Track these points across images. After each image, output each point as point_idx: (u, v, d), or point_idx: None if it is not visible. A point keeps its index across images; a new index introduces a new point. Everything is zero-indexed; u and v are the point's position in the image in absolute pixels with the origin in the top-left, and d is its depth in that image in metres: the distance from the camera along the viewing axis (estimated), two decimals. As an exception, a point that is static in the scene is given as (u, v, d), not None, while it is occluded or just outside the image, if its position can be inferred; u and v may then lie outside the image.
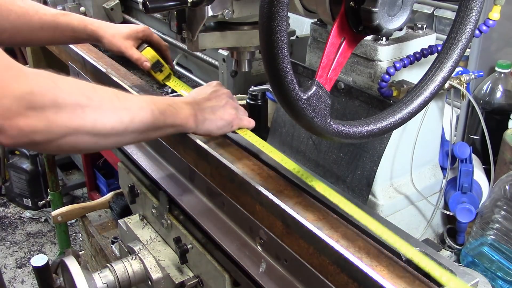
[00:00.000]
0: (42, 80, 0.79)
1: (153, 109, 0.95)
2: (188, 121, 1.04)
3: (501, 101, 1.53)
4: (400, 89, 1.12)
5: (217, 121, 1.10)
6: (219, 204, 1.10)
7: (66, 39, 1.40)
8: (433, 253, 0.86)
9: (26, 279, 3.11)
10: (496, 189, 1.24)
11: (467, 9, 0.93)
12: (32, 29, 1.31)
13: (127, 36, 1.38)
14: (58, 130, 0.81)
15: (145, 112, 0.94)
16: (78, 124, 0.82)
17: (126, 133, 0.91)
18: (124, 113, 0.89)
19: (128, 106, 0.91)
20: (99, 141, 0.88)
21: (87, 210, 1.94)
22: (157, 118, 0.96)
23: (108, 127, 0.87)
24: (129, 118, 0.90)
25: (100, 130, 0.86)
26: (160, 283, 1.24)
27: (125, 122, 0.89)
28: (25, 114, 0.76)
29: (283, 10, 0.74)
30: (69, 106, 0.81)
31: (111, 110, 0.88)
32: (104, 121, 0.86)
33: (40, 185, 3.56)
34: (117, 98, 0.90)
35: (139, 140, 0.97)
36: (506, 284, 1.18)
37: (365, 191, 1.17)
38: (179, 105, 1.03)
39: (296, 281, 0.91)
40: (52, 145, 0.82)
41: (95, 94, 0.86)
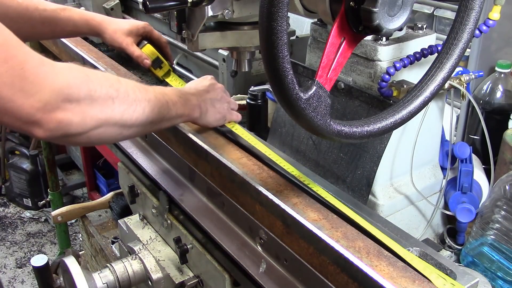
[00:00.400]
0: (76, 73, 0.82)
1: (168, 101, 1.00)
2: (194, 111, 1.09)
3: (501, 101, 1.53)
4: (400, 89, 1.12)
5: (216, 113, 1.16)
6: (219, 204, 1.10)
7: (67, 33, 1.44)
8: (433, 253, 0.86)
9: (26, 279, 3.11)
10: (496, 189, 1.24)
11: (467, 9, 0.93)
12: (33, 25, 1.32)
13: (128, 33, 1.39)
14: (91, 122, 0.83)
15: (162, 103, 0.98)
16: (109, 115, 0.86)
17: (146, 124, 0.95)
18: (145, 104, 0.93)
19: (148, 97, 0.94)
20: (123, 131, 0.91)
21: (87, 210, 1.94)
22: (171, 109, 1.01)
23: (133, 118, 0.91)
24: (150, 109, 0.94)
25: (126, 121, 0.90)
26: (160, 283, 1.24)
27: (146, 113, 0.93)
28: (63, 107, 0.78)
29: (283, 10, 0.74)
30: (101, 98, 0.84)
31: (136, 102, 0.91)
32: (130, 112, 0.90)
33: (40, 185, 3.56)
34: (139, 90, 0.93)
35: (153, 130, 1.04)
36: (506, 284, 1.18)
37: (365, 191, 1.17)
38: (187, 96, 1.08)
39: (296, 281, 0.91)
40: (83, 137, 0.84)
41: (121, 86, 0.89)
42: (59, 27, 1.35)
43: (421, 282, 0.79)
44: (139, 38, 1.42)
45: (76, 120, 0.81)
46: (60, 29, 1.36)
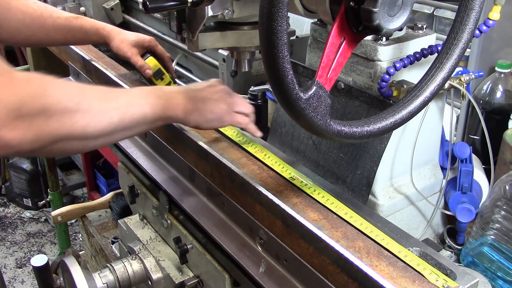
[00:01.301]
0: (32, 88, 0.78)
1: (143, 105, 0.95)
2: (177, 111, 1.02)
3: (501, 101, 1.53)
4: (400, 89, 1.12)
5: (207, 113, 1.07)
6: (219, 204, 1.10)
7: (77, 41, 1.48)
8: (433, 253, 0.86)
9: (26, 279, 3.11)
10: (496, 189, 1.24)
11: (467, 9, 0.93)
12: (46, 31, 1.37)
13: (134, 44, 1.44)
14: (47, 138, 0.79)
15: (135, 109, 0.93)
16: (68, 130, 0.81)
17: (115, 132, 0.91)
18: (113, 114, 0.88)
19: (118, 105, 0.90)
20: (89, 143, 0.87)
21: (87, 210, 1.94)
22: (147, 113, 0.95)
23: (98, 130, 0.86)
24: (119, 118, 0.89)
25: (89, 134, 0.85)
26: (160, 283, 1.24)
27: (114, 122, 0.89)
28: (12, 125, 0.74)
29: (283, 10, 0.74)
30: (58, 113, 0.80)
31: (101, 113, 0.86)
32: (93, 125, 0.85)
33: (40, 185, 3.56)
34: (106, 99, 0.89)
35: (129, 136, 0.97)
36: (506, 284, 1.18)
37: (365, 191, 1.17)
38: (170, 95, 1.02)
39: (296, 281, 0.91)
40: (41, 152, 0.81)
41: (84, 98, 0.84)
42: (71, 35, 1.40)
43: (421, 282, 0.79)
44: (144, 50, 1.46)
45: (29, 138, 0.76)
46: (71, 36, 1.41)
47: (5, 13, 1.30)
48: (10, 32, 1.32)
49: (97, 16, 2.73)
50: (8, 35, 1.32)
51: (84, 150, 0.89)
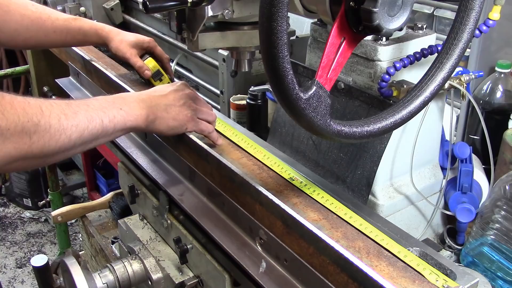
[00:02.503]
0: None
1: (103, 118, 0.95)
2: (138, 121, 1.02)
3: (501, 101, 1.53)
4: (400, 89, 1.12)
5: (169, 120, 1.08)
6: (219, 204, 1.10)
7: (76, 42, 1.47)
8: (433, 253, 0.86)
9: (26, 279, 3.11)
10: (496, 189, 1.24)
11: (467, 9, 0.93)
12: (45, 33, 1.37)
13: (133, 45, 1.43)
14: (3, 159, 0.79)
15: (94, 123, 0.93)
16: (25, 151, 0.81)
17: (75, 147, 0.91)
18: (72, 131, 0.88)
19: (76, 122, 0.90)
20: (46, 160, 0.88)
21: (87, 210, 1.94)
22: (107, 126, 0.95)
23: (56, 148, 0.86)
24: (78, 134, 0.90)
25: (48, 153, 0.86)
26: (160, 283, 1.24)
27: (73, 139, 0.89)
28: None
29: (283, 10, 0.74)
30: (15, 135, 0.79)
31: (59, 131, 0.86)
32: (52, 144, 0.85)
33: (40, 185, 3.56)
34: (65, 116, 0.88)
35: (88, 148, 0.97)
36: (506, 284, 1.18)
37: (365, 191, 1.17)
38: (130, 105, 1.02)
39: (296, 281, 0.91)
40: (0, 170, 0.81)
41: (42, 118, 0.84)
42: (70, 36, 1.40)
43: (421, 282, 0.79)
44: (143, 51, 1.46)
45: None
46: (70, 37, 1.41)
47: (4, 16, 1.30)
48: (9, 35, 1.32)
49: (97, 16, 2.73)
50: (7, 37, 1.32)
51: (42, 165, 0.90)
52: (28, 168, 0.88)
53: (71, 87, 1.74)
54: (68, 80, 1.79)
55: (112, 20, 2.75)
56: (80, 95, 1.68)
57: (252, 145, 1.18)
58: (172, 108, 1.09)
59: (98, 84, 1.59)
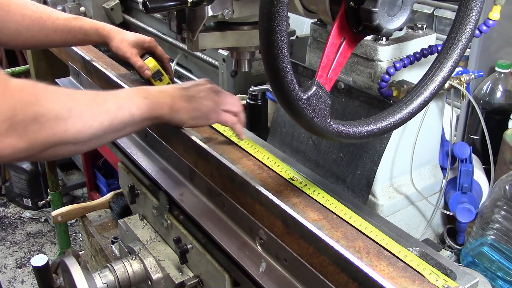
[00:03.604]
0: (25, 97, 0.79)
1: (130, 107, 0.97)
2: (162, 110, 1.04)
3: (501, 101, 1.53)
4: (400, 89, 1.12)
5: (191, 111, 1.08)
6: (219, 204, 1.10)
7: (77, 42, 1.47)
8: (433, 253, 0.86)
9: (26, 279, 3.11)
10: (496, 189, 1.24)
11: (467, 9, 0.93)
12: (46, 33, 1.36)
13: (134, 44, 1.43)
14: (40, 145, 0.81)
15: (123, 111, 0.95)
16: (60, 137, 0.83)
17: (105, 135, 0.93)
18: (103, 117, 0.91)
19: (107, 109, 0.92)
20: (80, 147, 0.89)
21: (87, 210, 1.94)
22: (135, 114, 0.98)
23: (89, 134, 0.88)
24: (109, 121, 0.92)
25: (81, 138, 0.87)
26: (160, 283, 1.24)
27: (105, 125, 0.91)
28: (6, 134, 0.75)
29: (283, 10, 0.74)
30: (50, 121, 0.81)
31: (92, 117, 0.88)
32: (85, 130, 0.87)
33: (40, 185, 3.56)
34: (96, 103, 0.91)
35: (117, 137, 0.99)
36: (506, 284, 1.18)
37: (365, 191, 1.17)
38: (155, 95, 1.04)
39: (296, 281, 0.91)
40: (34, 158, 0.83)
41: (75, 104, 0.86)
42: (71, 35, 1.40)
43: (421, 282, 0.79)
44: (144, 51, 1.46)
45: (23, 146, 0.78)
46: (71, 36, 1.40)
47: (4, 16, 1.29)
48: (9, 35, 1.32)
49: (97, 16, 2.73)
50: (8, 37, 1.32)
51: (76, 153, 0.92)
52: (63, 155, 0.88)
53: (71, 87, 1.74)
54: (68, 80, 1.79)
55: (112, 20, 2.74)
56: (80, 95, 1.68)
57: (252, 145, 1.18)
58: (194, 99, 1.09)
59: (98, 84, 1.59)
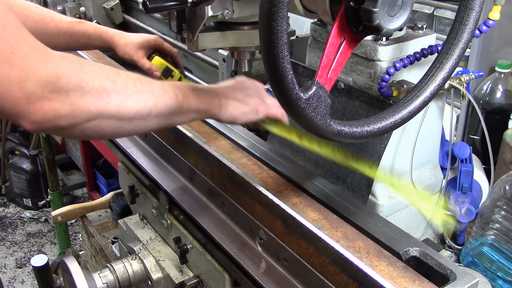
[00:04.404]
0: (68, 63, 0.79)
1: (177, 93, 0.94)
2: (212, 106, 1.01)
3: (501, 101, 1.53)
4: (400, 89, 1.12)
5: (242, 106, 1.06)
6: (219, 204, 1.10)
7: (80, 46, 1.45)
8: (433, 253, 0.86)
9: (26, 279, 3.11)
10: (496, 189, 1.24)
11: (467, 9, 0.93)
12: (49, 36, 1.34)
13: (139, 46, 1.41)
14: (82, 114, 0.79)
15: (169, 96, 0.93)
16: (103, 108, 0.82)
17: (150, 117, 0.90)
18: (148, 97, 0.89)
19: (152, 89, 0.90)
20: (123, 125, 0.87)
21: (87, 210, 1.94)
22: (181, 102, 0.94)
23: (132, 110, 0.86)
24: (153, 101, 0.89)
25: (124, 114, 0.85)
26: (160, 283, 1.24)
27: (149, 105, 0.88)
28: (49, 97, 0.75)
29: (283, 10, 0.74)
30: (94, 89, 0.80)
31: (136, 94, 0.87)
32: (128, 105, 0.85)
33: (40, 185, 3.56)
34: (141, 82, 0.89)
35: (163, 125, 0.96)
36: (506, 284, 1.18)
37: (365, 191, 1.17)
38: (202, 91, 1.02)
39: (296, 281, 0.91)
40: (76, 130, 0.81)
41: (120, 78, 0.85)
42: (74, 39, 1.38)
43: (421, 282, 0.79)
44: (150, 51, 1.43)
45: (65, 112, 0.77)
46: (74, 40, 1.38)
47: None
48: None
49: (97, 16, 2.73)
50: None
51: (119, 133, 0.89)
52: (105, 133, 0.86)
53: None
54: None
55: (112, 20, 2.75)
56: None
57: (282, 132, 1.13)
58: (240, 95, 1.07)
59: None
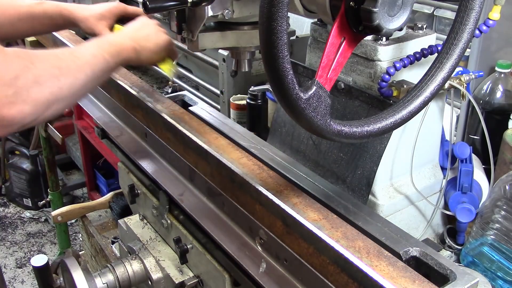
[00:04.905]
0: (21, 61, 0.83)
1: (104, 55, 1.03)
2: (130, 54, 1.12)
3: (501, 101, 1.53)
4: (400, 89, 1.12)
5: (153, 47, 1.18)
6: (219, 204, 1.10)
7: (46, 28, 1.38)
8: (433, 253, 0.86)
9: (26, 279, 3.11)
10: (496, 189, 1.24)
11: (467, 9, 0.93)
12: (10, 22, 1.30)
13: (100, 17, 1.33)
14: (42, 106, 0.86)
15: (99, 59, 1.02)
16: (58, 94, 0.89)
17: (90, 83, 0.99)
18: (86, 68, 0.97)
19: (86, 60, 0.99)
20: (74, 99, 0.97)
21: (87, 210, 1.94)
22: (109, 61, 1.04)
23: (80, 85, 0.95)
24: (91, 71, 0.98)
25: (75, 91, 0.94)
26: (160, 283, 1.24)
27: (89, 75, 0.98)
28: (14, 101, 0.80)
29: (283, 10, 0.74)
30: (47, 81, 0.87)
31: (78, 70, 0.95)
32: (76, 83, 0.94)
33: (40, 185, 3.56)
34: (77, 57, 0.97)
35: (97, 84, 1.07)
36: (506, 284, 1.18)
37: (365, 191, 1.17)
38: (120, 41, 1.11)
39: (296, 281, 0.91)
40: (38, 121, 0.88)
41: (61, 61, 0.93)
42: (37, 22, 1.32)
43: (421, 282, 0.79)
44: (114, 20, 1.35)
45: (29, 110, 0.82)
46: (38, 23, 1.32)
47: None
48: None
49: (97, 16, 2.72)
50: None
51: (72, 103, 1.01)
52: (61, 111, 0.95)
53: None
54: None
55: (112, 20, 2.74)
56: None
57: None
58: (151, 36, 1.19)
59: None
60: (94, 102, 1.61)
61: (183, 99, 1.49)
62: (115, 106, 1.48)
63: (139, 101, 1.32)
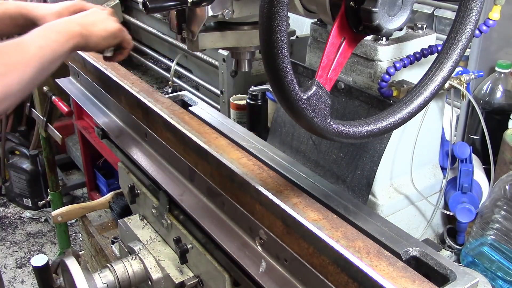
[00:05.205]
0: None
1: (51, 45, 1.04)
2: (78, 39, 1.12)
3: (501, 101, 1.53)
4: (400, 89, 1.12)
5: (102, 32, 1.18)
6: (219, 204, 1.10)
7: (10, 29, 1.35)
8: (433, 253, 0.86)
9: (26, 279, 3.11)
10: (496, 189, 1.24)
11: (467, 9, 0.93)
12: None
13: (58, 15, 1.30)
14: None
15: (46, 50, 1.03)
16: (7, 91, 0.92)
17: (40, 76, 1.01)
18: (34, 61, 0.99)
19: (33, 53, 1.00)
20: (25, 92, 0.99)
21: (87, 210, 1.94)
22: (57, 51, 1.05)
23: (28, 79, 0.97)
24: (40, 63, 1.00)
25: (24, 85, 0.96)
26: (160, 283, 1.24)
27: (37, 67, 0.99)
28: None
29: (283, 10, 0.74)
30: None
31: (25, 65, 0.97)
32: (24, 77, 0.96)
33: (40, 185, 3.56)
34: (23, 52, 0.99)
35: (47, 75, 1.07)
36: (506, 284, 1.18)
37: (365, 191, 1.17)
38: (67, 28, 1.11)
39: (296, 281, 0.91)
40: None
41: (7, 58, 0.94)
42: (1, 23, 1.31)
43: (421, 282, 0.79)
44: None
45: None
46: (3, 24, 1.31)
47: None
48: None
49: (97, 16, 2.72)
50: None
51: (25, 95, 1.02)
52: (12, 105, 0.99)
53: (71, 87, 1.74)
54: (68, 80, 1.79)
55: (112, 20, 2.74)
56: (80, 95, 1.68)
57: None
58: (99, 22, 1.19)
59: (98, 84, 1.59)
60: (94, 102, 1.61)
61: (183, 99, 1.49)
62: (115, 106, 1.48)
63: (139, 101, 1.32)
